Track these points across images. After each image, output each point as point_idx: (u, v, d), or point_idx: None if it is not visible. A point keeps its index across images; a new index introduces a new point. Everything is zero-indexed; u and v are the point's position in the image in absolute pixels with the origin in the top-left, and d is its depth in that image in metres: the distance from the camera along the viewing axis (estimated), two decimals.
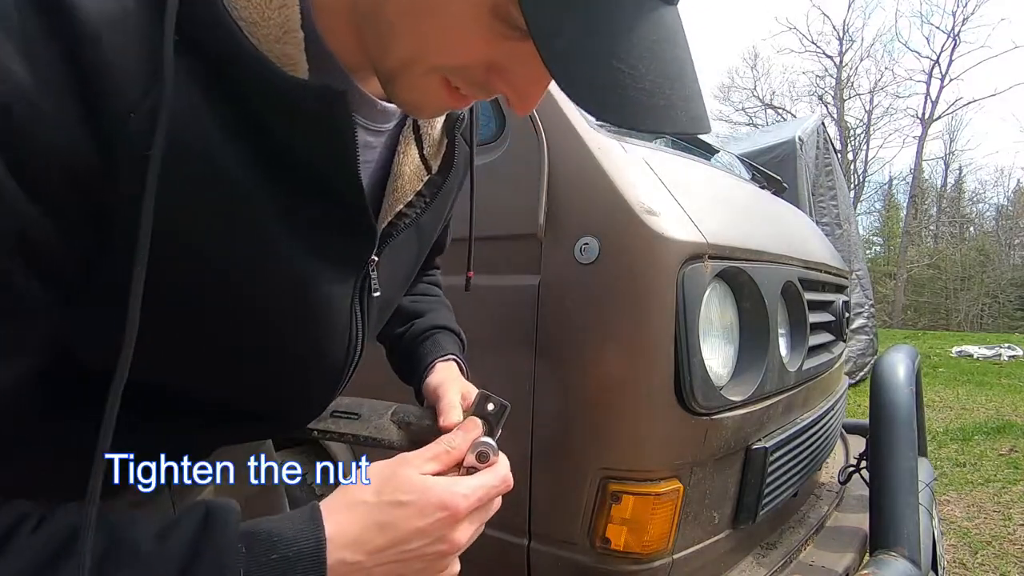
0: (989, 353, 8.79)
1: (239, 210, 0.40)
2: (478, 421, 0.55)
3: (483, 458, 0.51)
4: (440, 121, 0.55)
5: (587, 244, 0.90)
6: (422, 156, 0.55)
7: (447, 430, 0.54)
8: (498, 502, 0.52)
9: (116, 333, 0.35)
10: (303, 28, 0.40)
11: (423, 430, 0.60)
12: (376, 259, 0.53)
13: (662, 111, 0.37)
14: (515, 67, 0.41)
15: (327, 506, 0.44)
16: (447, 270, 0.82)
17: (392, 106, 0.49)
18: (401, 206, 0.54)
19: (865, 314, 5.51)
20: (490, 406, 0.55)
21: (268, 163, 0.41)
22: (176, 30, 0.35)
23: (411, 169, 0.54)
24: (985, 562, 2.28)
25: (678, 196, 0.95)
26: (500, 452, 0.53)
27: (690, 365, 0.88)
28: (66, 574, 0.34)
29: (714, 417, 0.93)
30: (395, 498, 0.45)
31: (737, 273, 0.98)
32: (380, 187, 0.53)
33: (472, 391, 0.62)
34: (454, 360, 0.70)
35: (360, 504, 0.45)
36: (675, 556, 0.95)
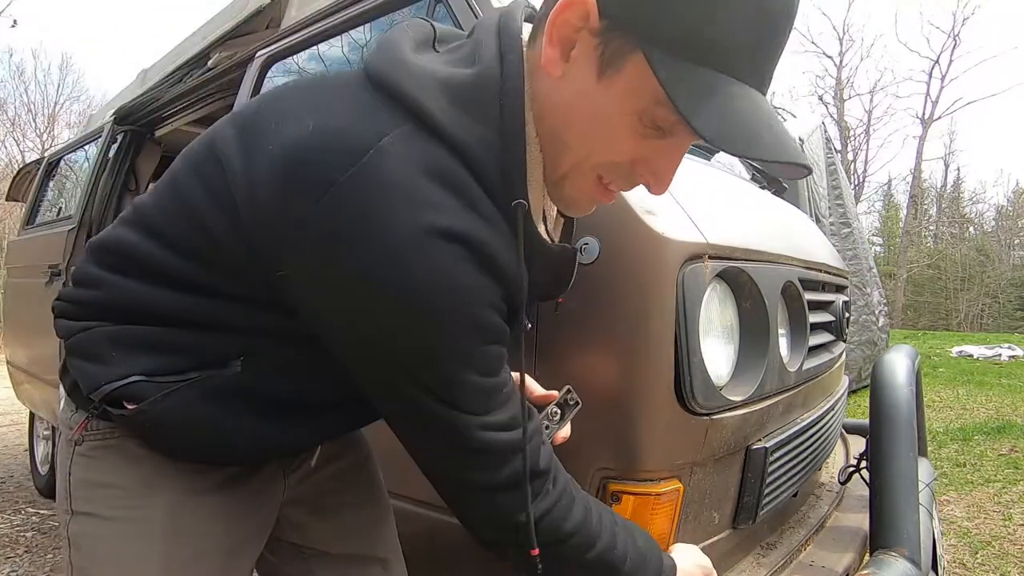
0: (989, 353, 8.79)
1: None
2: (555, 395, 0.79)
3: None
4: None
5: (587, 244, 0.90)
6: (547, 230, 0.71)
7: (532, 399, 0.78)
8: None
9: None
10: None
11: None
12: None
13: (774, 146, 0.50)
14: (656, 158, 0.56)
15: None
16: None
17: None
18: None
19: (884, 312, 5.50)
20: (569, 398, 0.77)
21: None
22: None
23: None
24: (985, 562, 2.28)
25: (678, 196, 0.95)
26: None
27: (690, 365, 0.88)
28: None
29: (714, 417, 0.93)
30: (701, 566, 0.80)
31: (737, 273, 0.98)
32: None
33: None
34: None
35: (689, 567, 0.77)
36: None
